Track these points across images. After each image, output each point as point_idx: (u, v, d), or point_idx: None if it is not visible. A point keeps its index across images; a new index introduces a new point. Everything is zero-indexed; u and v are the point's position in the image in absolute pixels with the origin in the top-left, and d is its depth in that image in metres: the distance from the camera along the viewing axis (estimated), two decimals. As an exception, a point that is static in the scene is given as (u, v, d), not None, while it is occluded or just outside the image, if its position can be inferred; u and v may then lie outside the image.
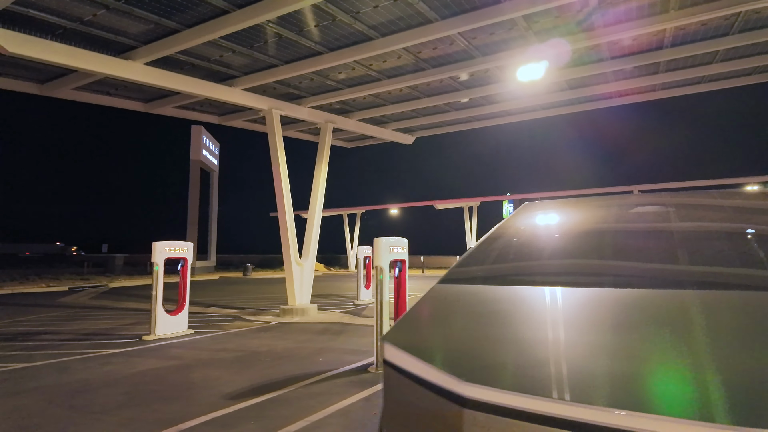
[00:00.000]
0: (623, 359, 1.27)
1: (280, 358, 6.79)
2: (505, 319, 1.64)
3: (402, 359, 1.48)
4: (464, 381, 1.24)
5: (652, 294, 1.70)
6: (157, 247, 8.60)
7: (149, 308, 13.25)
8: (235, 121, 13.70)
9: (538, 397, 1.14)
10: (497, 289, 1.94)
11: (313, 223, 12.17)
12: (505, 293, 1.87)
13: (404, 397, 1.48)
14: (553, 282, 1.95)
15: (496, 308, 1.75)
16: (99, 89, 10.44)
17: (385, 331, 6.12)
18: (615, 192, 30.29)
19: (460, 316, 1.75)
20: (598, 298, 1.68)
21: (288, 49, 8.69)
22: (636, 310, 1.56)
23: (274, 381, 5.51)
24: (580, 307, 1.64)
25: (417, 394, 1.39)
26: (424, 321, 1.75)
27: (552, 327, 1.48)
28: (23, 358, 6.80)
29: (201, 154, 34.16)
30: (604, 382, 1.19)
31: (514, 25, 8.12)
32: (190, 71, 9.36)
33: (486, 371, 1.31)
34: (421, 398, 1.37)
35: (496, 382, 1.23)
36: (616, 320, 1.52)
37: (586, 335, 1.43)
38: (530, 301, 1.77)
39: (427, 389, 1.34)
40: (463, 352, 1.48)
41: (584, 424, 1.06)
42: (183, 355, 7.01)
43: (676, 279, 1.87)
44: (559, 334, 1.42)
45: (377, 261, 6.26)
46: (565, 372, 1.24)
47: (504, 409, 1.17)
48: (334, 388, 5.17)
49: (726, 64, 10.58)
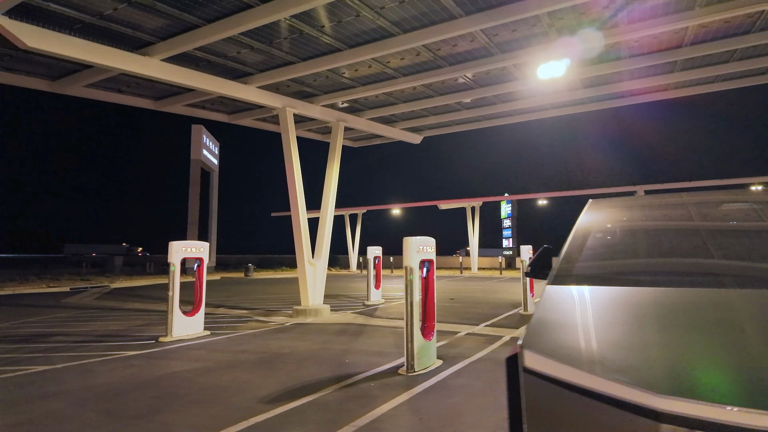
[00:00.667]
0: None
1: (305, 360, 6.65)
2: (669, 323, 1.52)
3: (554, 368, 1.37)
4: (659, 394, 1.12)
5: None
6: (173, 247, 8.44)
7: (157, 309, 13.17)
8: (245, 120, 13.54)
9: (755, 410, 1.02)
10: (639, 291, 1.83)
11: (326, 222, 12.03)
12: (652, 295, 1.75)
13: (560, 409, 1.36)
14: (693, 282, 1.84)
15: (652, 312, 1.64)
16: (110, 86, 10.26)
17: (416, 333, 6.01)
18: (618, 192, 30.28)
19: (610, 321, 1.64)
20: (753, 299, 1.57)
21: (307, 45, 8.55)
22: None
23: (305, 384, 5.38)
24: (739, 309, 1.53)
25: (583, 406, 1.27)
26: (565, 327, 1.63)
27: (723, 331, 1.36)
28: (42, 361, 6.63)
29: (201, 153, 33.93)
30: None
31: (537, 22, 8.03)
32: (206, 68, 9.20)
33: (678, 382, 1.19)
34: (593, 412, 1.25)
35: (695, 394, 1.11)
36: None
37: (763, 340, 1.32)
38: (685, 304, 1.65)
39: (601, 402, 1.22)
40: (639, 361, 1.36)
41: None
42: (205, 357, 6.85)
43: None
44: (736, 338, 1.31)
45: (407, 261, 6.13)
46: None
47: (710, 424, 1.06)
48: (371, 392, 5.05)
49: (742, 62, 10.53)
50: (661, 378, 1.22)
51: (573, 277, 2.01)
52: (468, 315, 11.10)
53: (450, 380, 5.48)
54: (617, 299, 1.75)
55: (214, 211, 37.54)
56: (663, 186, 27.01)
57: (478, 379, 5.50)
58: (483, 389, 5.10)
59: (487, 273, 30.61)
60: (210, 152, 35.87)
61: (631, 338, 1.46)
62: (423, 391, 5.05)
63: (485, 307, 12.63)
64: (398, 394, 4.93)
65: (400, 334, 8.74)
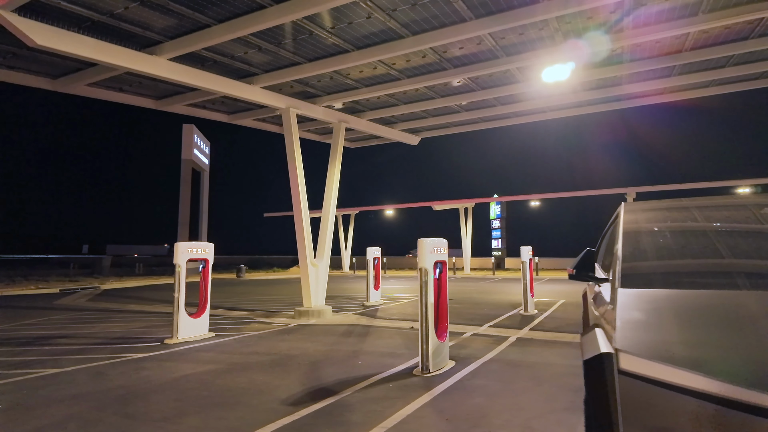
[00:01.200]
0: None
1: (318, 361, 6.64)
2: (758, 324, 1.57)
3: (656, 370, 1.40)
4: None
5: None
6: (179, 248, 8.36)
7: (156, 311, 13.04)
8: (245, 120, 13.46)
9: None
10: (720, 293, 1.87)
11: (327, 223, 12.01)
12: (735, 297, 1.80)
13: (664, 411, 1.39)
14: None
15: (736, 313, 1.68)
16: (112, 85, 10.13)
17: (431, 334, 6.04)
18: (607, 194, 30.64)
19: (696, 322, 1.68)
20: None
21: (315, 46, 8.54)
22: None
23: (324, 385, 5.38)
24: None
25: (690, 408, 1.30)
26: (654, 328, 1.66)
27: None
28: (51, 364, 6.52)
29: (192, 153, 33.62)
30: None
31: (545, 25, 8.12)
32: (212, 68, 9.14)
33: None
34: (701, 413, 1.28)
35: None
36: None
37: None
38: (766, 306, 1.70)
39: (710, 403, 1.26)
40: (742, 362, 1.40)
41: None
42: (216, 359, 6.81)
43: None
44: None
45: (422, 262, 6.16)
46: None
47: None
48: (391, 393, 5.06)
49: (738, 68, 10.75)
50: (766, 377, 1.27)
51: (643, 278, 2.06)
52: (470, 316, 11.17)
53: (467, 381, 5.52)
54: (698, 301, 1.79)
55: (204, 211, 37.23)
56: (655, 188, 27.43)
57: (495, 380, 5.55)
58: (502, 390, 5.14)
59: (480, 274, 30.79)
60: (201, 152, 35.57)
61: (724, 339, 1.50)
62: (443, 392, 5.09)
63: (485, 308, 12.71)
64: (419, 395, 4.95)
65: (406, 335, 8.77)
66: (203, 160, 36.19)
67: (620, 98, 13.18)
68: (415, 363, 6.42)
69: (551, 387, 5.24)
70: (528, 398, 4.83)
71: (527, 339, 8.27)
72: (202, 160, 35.95)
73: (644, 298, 1.86)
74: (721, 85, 12.16)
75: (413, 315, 11.45)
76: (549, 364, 6.38)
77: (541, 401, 4.72)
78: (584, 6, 7.27)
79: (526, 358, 6.71)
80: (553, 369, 6.08)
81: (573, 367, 6.13)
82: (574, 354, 6.99)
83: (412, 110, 12.97)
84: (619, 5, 7.55)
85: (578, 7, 7.28)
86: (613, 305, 1.92)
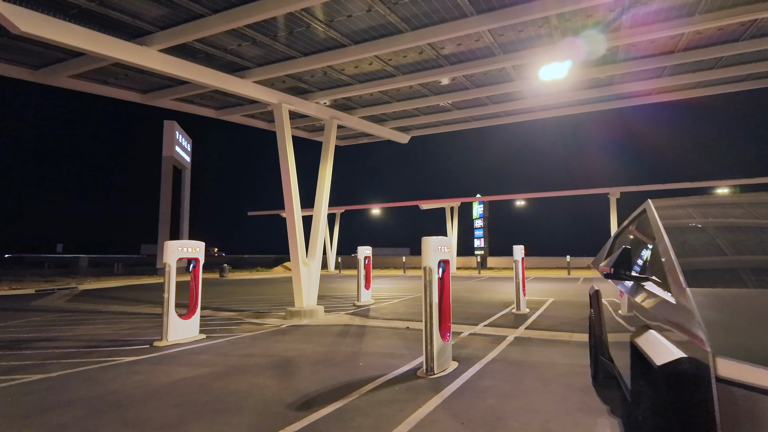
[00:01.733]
0: None
1: (317, 363, 6.46)
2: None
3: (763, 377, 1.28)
4: None
5: None
6: (169, 246, 8.07)
7: (140, 312, 12.63)
8: (233, 116, 13.15)
9: None
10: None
11: (319, 221, 11.80)
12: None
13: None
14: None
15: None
16: (97, 78, 9.74)
17: (435, 335, 5.91)
18: (590, 194, 31.02)
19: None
20: None
21: (312, 39, 8.33)
22: None
23: (328, 388, 5.21)
24: None
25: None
26: (755, 332, 1.55)
27: None
28: (35, 369, 6.19)
29: (174, 150, 32.91)
30: None
31: (545, 23, 8.07)
32: (203, 60, 8.85)
33: None
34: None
35: None
36: None
37: None
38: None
39: None
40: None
41: None
42: (211, 362, 6.56)
43: None
44: None
45: (426, 261, 6.03)
46: None
47: None
48: (400, 395, 4.92)
49: (726, 69, 10.90)
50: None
51: (707, 276, 1.96)
52: (464, 315, 11.10)
53: (474, 382, 5.42)
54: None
55: (185, 209, 36.47)
56: (638, 188, 27.88)
57: (502, 381, 5.46)
58: (512, 391, 5.05)
59: (465, 272, 30.87)
60: (182, 149, 34.85)
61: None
62: (453, 394, 4.97)
63: (478, 307, 12.67)
64: (429, 397, 4.82)
65: (403, 335, 8.64)
66: (185, 157, 35.46)
67: (610, 98, 13.26)
68: (418, 364, 6.30)
69: (559, 387, 5.17)
70: (539, 399, 4.74)
71: (525, 338, 8.22)
72: (184, 158, 35.22)
73: (721, 297, 1.76)
74: (707, 87, 12.33)
75: (406, 314, 11.33)
76: (552, 363, 6.32)
77: (553, 402, 4.64)
78: (582, 4, 7.23)
79: (529, 358, 6.65)
80: (557, 368, 6.02)
81: (576, 366, 6.09)
82: (574, 353, 6.96)
83: (404, 108, 12.84)
84: (618, 4, 7.54)
85: (576, 5, 7.25)
86: (681, 306, 1.81)
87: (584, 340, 7.98)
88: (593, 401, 4.65)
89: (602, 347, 4.72)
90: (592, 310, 5.36)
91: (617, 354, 3.63)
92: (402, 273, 30.92)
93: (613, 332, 4.09)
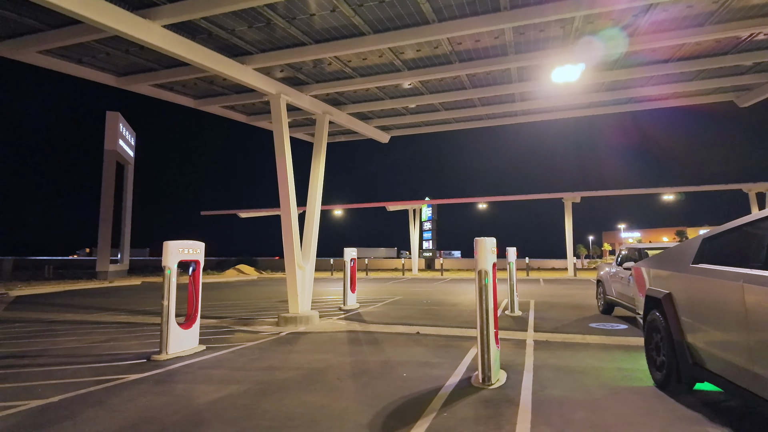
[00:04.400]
0: None
1: (356, 376, 5.89)
2: None
3: None
4: None
5: None
6: (169, 247, 7.16)
7: (104, 321, 11.30)
8: (212, 107, 12.15)
9: None
10: None
11: (313, 221, 11.13)
12: None
13: None
14: None
15: None
16: (70, 55, 8.55)
17: (492, 342, 5.55)
18: (544, 198, 32.04)
19: None
20: None
21: (332, 25, 7.74)
22: None
23: (395, 405, 4.69)
24: None
25: None
26: None
27: None
28: (25, 393, 5.17)
29: (117, 144, 30.45)
30: None
31: (567, 23, 7.99)
32: (205, 41, 7.99)
33: None
34: None
35: None
36: None
37: None
38: None
39: None
40: None
41: None
42: (233, 378, 5.81)
43: None
44: None
45: (482, 264, 5.66)
46: None
47: None
48: (480, 411, 4.50)
49: (704, 81, 11.34)
50: None
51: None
52: (462, 319, 10.85)
53: (543, 393, 5.10)
54: None
55: (128, 209, 33.82)
56: (595, 193, 29.14)
57: (570, 390, 5.19)
58: (591, 401, 4.78)
59: (428, 274, 30.89)
60: (126, 143, 32.35)
61: None
62: (535, 407, 4.61)
63: (467, 309, 12.46)
64: (514, 412, 4.44)
65: (418, 341, 8.23)
66: (128, 152, 32.90)
67: (605, 104, 13.57)
68: (464, 373, 5.93)
69: (631, 395, 4.97)
70: (625, 410, 4.51)
71: (543, 341, 8.08)
72: (128, 152, 32.67)
73: None
74: (682, 97, 12.84)
75: (401, 318, 10.90)
76: (598, 368, 6.16)
77: (643, 413, 4.41)
78: (593, 10, 7.18)
79: (570, 363, 6.45)
80: (609, 374, 5.86)
81: (625, 371, 5.96)
82: (606, 356, 6.85)
83: (392, 106, 12.45)
84: (644, 8, 7.57)
85: (589, 10, 7.18)
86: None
87: (600, 342, 7.96)
88: (681, 409, 4.48)
89: (686, 352, 4.57)
90: (658, 314, 5.21)
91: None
92: (365, 275, 30.41)
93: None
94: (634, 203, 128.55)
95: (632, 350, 7.26)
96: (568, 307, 12.90)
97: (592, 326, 9.59)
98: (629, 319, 10.38)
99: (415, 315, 11.53)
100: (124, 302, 15.51)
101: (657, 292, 5.30)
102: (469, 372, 6.01)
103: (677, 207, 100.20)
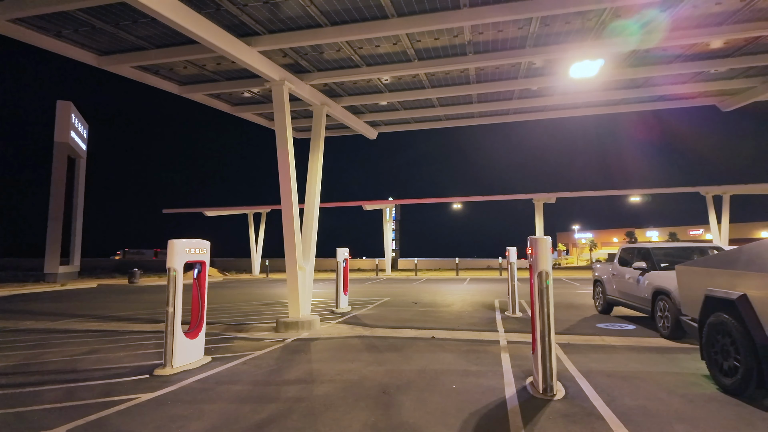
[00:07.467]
0: None
1: (400, 388, 5.32)
2: None
3: None
4: None
5: None
6: (175, 247, 6.32)
7: (69, 329, 10.06)
8: (196, 94, 11.22)
9: None
10: None
11: (312, 220, 10.42)
12: None
13: None
14: None
15: None
16: (47, 27, 7.47)
17: (554, 350, 5.14)
18: (516, 199, 32.44)
19: None
20: None
21: (355, 5, 7.11)
22: None
23: (477, 421, 4.18)
24: None
25: None
26: None
27: None
28: (19, 423, 4.27)
29: (69, 136, 28.22)
30: None
31: (595, 16, 7.75)
32: (212, 15, 7.16)
33: None
34: None
35: None
36: None
37: None
38: None
39: None
40: None
41: None
42: (263, 396, 5.09)
43: None
44: None
45: (542, 265, 5.23)
46: None
47: None
48: (571, 427, 4.06)
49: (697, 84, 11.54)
50: None
51: None
52: (465, 321, 10.45)
53: (615, 403, 4.73)
54: None
55: (79, 205, 31.46)
56: (570, 194, 29.70)
57: (643, 399, 4.85)
58: (667, 410, 4.45)
59: (402, 275, 30.48)
60: (78, 135, 30.06)
61: None
62: (621, 420, 4.22)
63: (465, 310, 12.10)
64: (606, 427, 4.03)
65: (441, 345, 7.75)
66: (81, 145, 30.58)
67: (603, 104, 13.58)
68: (515, 382, 5.50)
69: (704, 401, 4.70)
70: (714, 419, 4.20)
71: (566, 344, 7.79)
72: (80, 145, 30.36)
73: None
74: (667, 101, 13.03)
75: (403, 321, 10.37)
76: (647, 372, 5.89)
77: (732, 419, 4.12)
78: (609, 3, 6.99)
79: (614, 368, 6.15)
80: (663, 378, 5.60)
81: (677, 375, 5.72)
82: (643, 359, 6.63)
83: (389, 100, 11.96)
84: (672, 3, 7.44)
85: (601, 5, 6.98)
86: None
87: (622, 343, 7.76)
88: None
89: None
90: (728, 316, 4.97)
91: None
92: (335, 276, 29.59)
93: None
94: (586, 205, 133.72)
95: (663, 352, 7.09)
96: (562, 306, 12.78)
97: (600, 326, 9.44)
98: (632, 318, 10.33)
99: (415, 318, 11.03)
100: (88, 307, 14.14)
101: (726, 294, 5.06)
102: (519, 381, 5.59)
103: (627, 209, 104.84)
